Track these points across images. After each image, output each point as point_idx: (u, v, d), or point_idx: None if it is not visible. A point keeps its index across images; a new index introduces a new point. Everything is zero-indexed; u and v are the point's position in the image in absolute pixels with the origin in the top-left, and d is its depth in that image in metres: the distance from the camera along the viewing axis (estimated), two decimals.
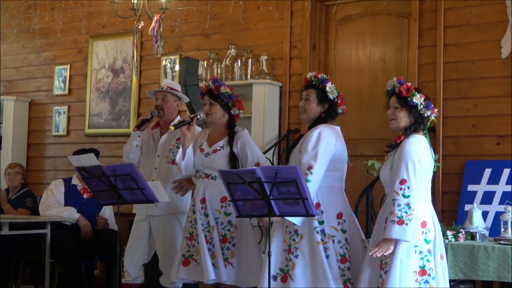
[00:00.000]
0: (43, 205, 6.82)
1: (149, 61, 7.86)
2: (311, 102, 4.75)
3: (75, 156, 5.06)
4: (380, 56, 6.69)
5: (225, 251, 4.98)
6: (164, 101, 5.56)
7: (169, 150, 5.51)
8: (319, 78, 4.75)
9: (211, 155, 5.09)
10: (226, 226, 5.02)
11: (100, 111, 8.24)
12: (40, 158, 8.69)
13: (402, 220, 4.09)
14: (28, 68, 8.90)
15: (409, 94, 4.31)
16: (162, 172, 5.49)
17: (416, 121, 4.35)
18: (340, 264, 4.54)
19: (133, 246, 5.61)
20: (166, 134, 5.56)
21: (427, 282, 4.20)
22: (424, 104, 4.32)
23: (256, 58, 7.06)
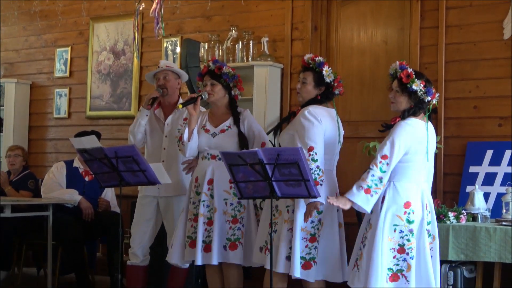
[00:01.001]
0: (45, 187, 6.84)
1: (150, 43, 7.84)
2: (307, 84, 4.78)
3: (77, 138, 5.06)
4: (382, 37, 6.66)
5: (236, 232, 5.00)
6: (166, 80, 5.57)
7: (178, 131, 5.50)
8: (316, 61, 4.76)
9: (218, 135, 5.09)
10: (236, 206, 5.03)
11: (101, 93, 8.23)
12: (42, 140, 8.69)
13: (369, 190, 4.27)
14: (29, 51, 8.88)
15: (409, 81, 4.37)
16: (171, 153, 5.50)
17: (416, 105, 4.40)
18: (308, 243, 4.62)
19: (141, 229, 5.60)
20: (172, 115, 5.57)
21: (405, 260, 4.33)
22: (424, 90, 4.38)
23: (258, 40, 7.04)
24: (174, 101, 5.60)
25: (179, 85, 5.67)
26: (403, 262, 4.32)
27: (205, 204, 5.02)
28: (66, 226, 6.61)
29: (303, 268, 4.59)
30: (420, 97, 4.39)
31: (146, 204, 5.60)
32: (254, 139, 5.07)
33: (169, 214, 5.53)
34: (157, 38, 7.33)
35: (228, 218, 5.01)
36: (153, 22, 6.71)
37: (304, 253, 4.60)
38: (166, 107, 5.61)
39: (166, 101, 5.60)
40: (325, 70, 4.74)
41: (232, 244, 4.99)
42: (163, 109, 5.63)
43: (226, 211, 5.02)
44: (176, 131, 5.49)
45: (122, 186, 4.91)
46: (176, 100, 5.61)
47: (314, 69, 4.77)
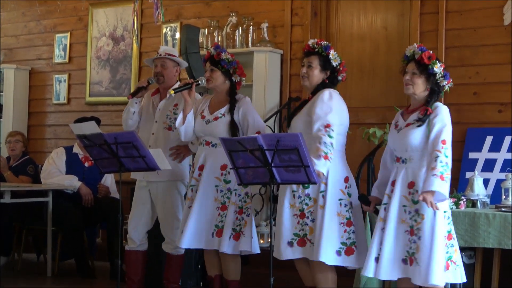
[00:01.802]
0: (45, 173, 6.84)
1: (150, 29, 7.82)
2: (314, 68, 4.73)
3: (77, 124, 5.05)
4: (382, 23, 6.64)
5: (223, 219, 5.00)
6: (163, 68, 5.55)
7: (167, 116, 5.50)
8: (322, 45, 4.73)
9: (212, 122, 5.08)
10: (226, 194, 5.03)
11: (101, 79, 8.21)
12: (41, 126, 8.69)
13: (443, 176, 4.14)
14: (28, 36, 8.86)
15: (431, 62, 4.32)
16: (159, 138, 5.49)
17: (432, 89, 4.36)
18: (346, 228, 4.58)
19: (136, 213, 5.63)
20: (164, 100, 5.56)
21: (452, 246, 4.28)
22: (443, 73, 4.35)
23: (257, 25, 7.02)
24: (170, 87, 5.59)
25: (177, 72, 5.65)
26: (451, 248, 4.27)
27: (193, 189, 5.06)
28: (66, 212, 6.61)
29: (346, 254, 4.56)
30: (437, 80, 4.36)
31: (140, 189, 5.61)
32: (248, 127, 5.04)
33: (157, 200, 5.53)
34: (157, 24, 7.31)
35: (218, 205, 5.01)
36: (152, 8, 6.68)
37: (344, 239, 4.58)
38: (163, 94, 5.60)
39: (163, 87, 5.60)
40: (331, 53, 4.73)
41: (219, 231, 5.00)
42: (161, 95, 5.62)
43: (216, 198, 5.02)
44: (165, 116, 5.50)
45: (122, 172, 4.91)
46: (171, 86, 5.59)
47: (320, 53, 4.73)
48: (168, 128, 5.47)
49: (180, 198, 5.51)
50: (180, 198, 5.51)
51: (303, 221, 4.57)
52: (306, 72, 4.74)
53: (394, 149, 4.40)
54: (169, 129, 5.46)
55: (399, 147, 4.37)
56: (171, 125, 5.43)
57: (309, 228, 4.56)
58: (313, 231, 4.53)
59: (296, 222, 4.60)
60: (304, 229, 4.58)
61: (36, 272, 6.96)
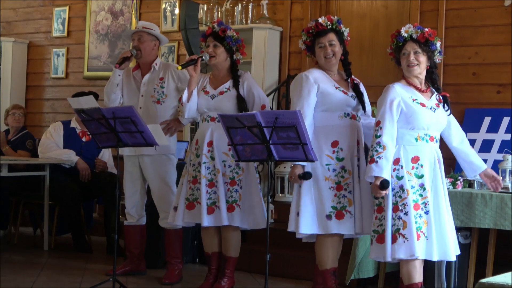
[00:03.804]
0: (42, 147, 6.84)
1: (149, 4, 7.79)
2: (336, 45, 4.69)
3: (75, 98, 5.04)
4: (382, 2, 6.62)
5: (233, 194, 5.01)
6: (140, 42, 5.56)
7: (153, 90, 5.52)
8: (334, 20, 4.69)
9: (217, 97, 5.07)
10: (234, 169, 5.03)
11: (99, 53, 8.18)
12: (39, 100, 8.67)
13: None
14: (26, 10, 8.81)
15: (433, 38, 4.34)
16: (147, 112, 5.51)
17: (430, 67, 4.39)
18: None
19: (130, 190, 5.67)
20: (149, 74, 5.57)
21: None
22: (439, 49, 4.39)
23: (257, 2, 7.00)
24: (150, 60, 5.59)
25: (155, 47, 5.63)
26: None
27: (206, 166, 5.02)
28: (63, 187, 6.62)
29: None
30: (434, 58, 4.38)
31: (129, 164, 5.63)
32: (254, 101, 5.04)
33: (148, 173, 5.56)
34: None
35: (227, 180, 5.02)
36: None
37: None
38: (143, 68, 5.62)
39: (142, 62, 5.61)
40: (343, 27, 4.72)
41: (230, 206, 4.99)
42: (141, 70, 5.62)
43: (224, 173, 5.03)
44: (152, 90, 5.50)
45: (120, 147, 4.90)
46: (152, 60, 5.58)
47: (335, 28, 4.70)
48: (157, 101, 5.51)
49: (174, 171, 5.53)
50: (174, 171, 5.53)
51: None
52: (331, 51, 4.66)
53: (427, 127, 4.33)
54: (157, 102, 5.50)
55: (435, 127, 4.36)
56: (159, 99, 5.48)
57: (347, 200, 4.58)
58: None
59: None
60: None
61: (33, 246, 6.97)
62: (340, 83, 4.70)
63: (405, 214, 4.19)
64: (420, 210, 4.24)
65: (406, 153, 4.29)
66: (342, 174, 4.58)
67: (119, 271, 5.51)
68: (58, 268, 5.94)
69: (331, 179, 4.55)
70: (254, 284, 5.55)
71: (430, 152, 4.33)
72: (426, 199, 4.25)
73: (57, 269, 5.92)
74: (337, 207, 4.53)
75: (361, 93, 4.71)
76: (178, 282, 5.50)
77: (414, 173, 4.28)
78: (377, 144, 4.24)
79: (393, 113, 4.28)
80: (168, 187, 5.51)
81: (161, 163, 5.53)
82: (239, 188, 5.02)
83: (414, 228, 4.17)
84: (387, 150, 4.22)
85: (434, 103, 4.35)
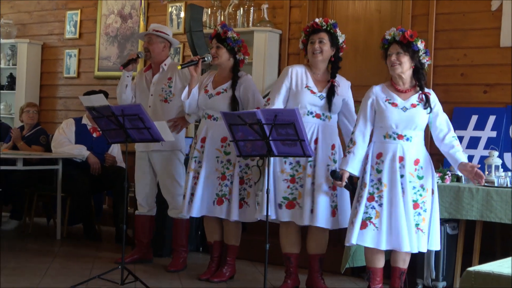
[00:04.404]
0: (55, 143, 6.85)
1: (156, 8, 7.78)
2: (325, 44, 4.75)
3: (86, 97, 5.04)
4: (375, 6, 6.61)
5: (223, 188, 5.04)
6: (150, 43, 5.59)
7: (162, 89, 5.54)
8: (330, 22, 4.75)
9: (214, 96, 5.09)
10: (225, 164, 5.06)
11: (109, 54, 8.19)
12: (52, 98, 8.68)
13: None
14: (40, 13, 8.81)
15: (413, 39, 4.35)
16: (156, 110, 5.53)
17: (416, 67, 4.40)
18: (332, 191, 4.67)
19: (141, 183, 5.69)
20: (158, 74, 5.59)
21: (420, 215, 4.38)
22: (424, 50, 4.39)
23: (258, 6, 6.99)
24: (160, 61, 5.61)
25: (165, 48, 5.65)
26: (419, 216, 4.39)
27: (196, 160, 5.08)
28: (75, 180, 6.63)
29: None
30: (420, 57, 4.38)
31: (140, 159, 5.66)
32: (248, 103, 5.06)
33: (157, 167, 5.60)
34: (163, 3, 7.30)
35: (218, 175, 5.04)
36: None
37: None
38: (154, 68, 5.65)
39: (153, 62, 5.63)
40: (338, 31, 4.75)
41: (219, 199, 5.02)
42: (153, 70, 5.65)
43: (217, 168, 5.05)
44: (160, 90, 5.52)
45: (128, 142, 4.91)
46: (162, 60, 5.61)
47: (329, 30, 4.75)
48: (164, 100, 5.53)
49: (181, 166, 5.56)
50: (181, 166, 5.56)
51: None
52: (319, 47, 4.74)
53: (395, 126, 4.37)
54: (165, 101, 5.53)
55: (405, 125, 4.37)
56: (167, 98, 5.50)
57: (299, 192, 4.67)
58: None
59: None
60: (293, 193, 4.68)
61: (46, 235, 7.00)
62: (317, 82, 4.76)
63: (359, 205, 4.32)
64: (374, 202, 4.31)
65: (373, 149, 4.41)
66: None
67: (127, 259, 5.53)
68: (70, 256, 5.96)
69: (286, 172, 4.72)
70: (254, 272, 5.57)
71: (393, 149, 4.35)
72: (382, 193, 4.31)
73: (69, 257, 5.94)
74: (288, 198, 4.68)
75: (332, 95, 4.73)
76: (182, 269, 5.52)
77: (376, 168, 4.37)
78: (350, 139, 4.44)
79: (367, 112, 4.42)
80: (176, 181, 5.54)
81: (169, 158, 5.56)
82: (230, 183, 5.04)
83: (360, 217, 4.29)
84: (356, 145, 4.38)
85: (411, 103, 4.37)
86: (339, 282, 5.23)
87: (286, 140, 4.26)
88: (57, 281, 4.98)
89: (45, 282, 4.93)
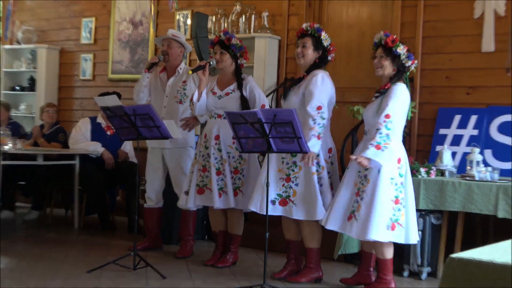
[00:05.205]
0: (72, 140, 6.88)
1: (165, 16, 7.80)
2: (308, 48, 4.75)
3: (101, 97, 5.07)
4: (367, 14, 6.63)
5: (236, 181, 5.06)
6: (169, 47, 5.59)
7: (177, 91, 5.57)
8: (314, 27, 4.75)
9: (224, 97, 5.11)
10: (238, 159, 5.08)
11: (122, 59, 8.21)
12: (70, 99, 8.70)
13: (379, 146, 4.19)
14: (58, 20, 8.83)
15: (394, 44, 4.34)
16: (170, 110, 5.55)
17: (399, 69, 4.39)
18: (332, 190, 4.69)
19: (152, 177, 5.71)
20: (174, 77, 5.60)
21: (399, 210, 4.30)
22: (407, 54, 4.37)
23: (259, 14, 7.00)
24: (176, 64, 5.63)
25: (181, 53, 5.67)
26: (398, 212, 4.28)
27: (214, 156, 5.07)
28: (90, 174, 6.66)
29: None
30: (402, 61, 4.37)
31: (153, 154, 5.68)
32: (255, 101, 5.09)
33: (169, 163, 5.62)
34: (171, 11, 7.31)
35: (231, 169, 5.07)
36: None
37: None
38: (169, 71, 5.66)
39: (169, 65, 5.64)
40: (323, 35, 4.74)
41: (234, 191, 5.05)
42: (167, 72, 5.66)
43: (230, 163, 5.07)
44: (175, 91, 5.54)
45: (139, 139, 4.94)
46: (177, 64, 5.63)
47: (313, 34, 4.74)
48: (179, 102, 5.54)
49: (191, 161, 5.58)
50: (191, 161, 5.58)
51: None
52: (301, 51, 4.75)
53: (366, 123, 4.49)
54: (179, 102, 5.54)
55: (368, 121, 4.45)
56: (181, 99, 5.51)
57: (293, 191, 4.66)
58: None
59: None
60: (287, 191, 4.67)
61: (64, 225, 7.01)
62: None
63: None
64: (358, 197, 4.34)
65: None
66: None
67: (139, 247, 5.55)
68: (86, 244, 5.99)
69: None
70: (255, 258, 5.60)
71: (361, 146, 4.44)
72: (365, 188, 4.30)
73: (86, 244, 5.97)
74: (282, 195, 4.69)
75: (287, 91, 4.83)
76: (189, 256, 5.54)
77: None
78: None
79: None
80: (185, 175, 5.55)
81: (180, 154, 5.59)
82: (242, 176, 5.07)
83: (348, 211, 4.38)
84: None
85: (372, 99, 4.45)
86: (332, 267, 5.26)
87: (285, 138, 4.28)
88: (75, 266, 5.02)
89: (64, 268, 4.96)
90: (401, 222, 4.28)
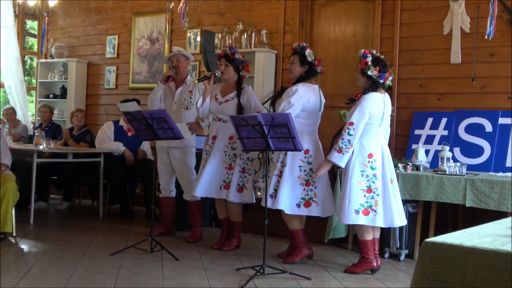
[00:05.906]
0: (98, 140, 6.85)
1: (177, 33, 7.77)
2: (295, 64, 4.75)
3: (123, 104, 5.04)
4: (351, 32, 6.59)
5: (230, 176, 5.02)
6: (179, 61, 5.58)
7: (184, 99, 5.55)
8: (300, 46, 4.74)
9: (223, 103, 5.08)
10: (232, 157, 5.04)
11: (140, 70, 8.17)
12: (96, 105, 8.67)
13: (341, 150, 4.25)
14: (86, 37, 8.80)
15: (366, 67, 4.32)
16: (178, 115, 5.54)
17: (373, 84, 4.36)
18: (305, 187, 4.58)
19: (163, 171, 5.69)
20: (182, 87, 5.59)
21: (373, 198, 4.32)
22: (378, 75, 4.33)
23: (258, 31, 6.97)
24: (184, 76, 5.62)
25: (188, 65, 5.66)
26: (372, 199, 4.31)
27: (207, 153, 5.09)
28: (114, 169, 6.63)
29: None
30: (374, 79, 4.34)
31: (161, 151, 5.65)
32: (250, 108, 5.05)
33: (176, 161, 5.58)
34: (183, 29, 7.27)
35: (226, 166, 5.03)
36: (180, 17, 6.64)
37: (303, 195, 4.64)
38: (177, 81, 5.64)
39: (178, 76, 5.62)
40: (307, 52, 4.72)
41: (226, 185, 5.01)
42: (176, 82, 5.64)
43: (225, 160, 5.03)
44: (183, 99, 5.52)
45: (156, 140, 4.91)
46: (185, 76, 5.62)
47: (299, 52, 4.73)
48: (185, 108, 5.52)
49: (193, 158, 5.57)
50: (193, 158, 5.57)
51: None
52: (290, 67, 4.76)
53: None
54: (186, 109, 5.53)
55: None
56: (188, 106, 5.51)
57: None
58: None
59: None
60: None
61: (91, 213, 6.99)
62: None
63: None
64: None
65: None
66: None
67: (155, 232, 5.53)
68: (109, 230, 5.95)
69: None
70: (256, 242, 5.56)
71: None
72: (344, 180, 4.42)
73: (109, 230, 5.93)
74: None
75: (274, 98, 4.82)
76: (199, 240, 5.51)
77: None
78: None
79: None
80: (190, 170, 5.52)
81: (184, 153, 5.55)
82: (248, 175, 5.04)
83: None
84: None
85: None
86: (323, 250, 5.22)
87: (281, 138, 4.25)
88: (100, 250, 4.98)
89: (90, 251, 4.93)
90: (375, 208, 4.30)
